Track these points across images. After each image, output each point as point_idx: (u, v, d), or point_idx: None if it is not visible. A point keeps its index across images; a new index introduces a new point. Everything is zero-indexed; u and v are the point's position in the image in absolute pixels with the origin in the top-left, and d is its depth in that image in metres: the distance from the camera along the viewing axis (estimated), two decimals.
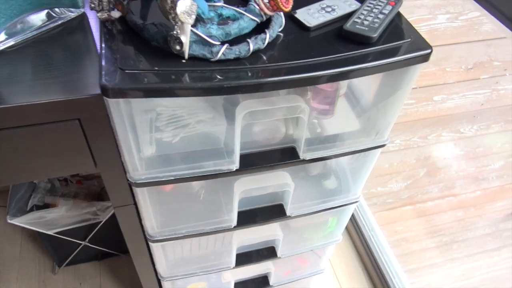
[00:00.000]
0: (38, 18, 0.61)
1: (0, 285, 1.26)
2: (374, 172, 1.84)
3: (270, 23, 0.57)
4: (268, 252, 0.96)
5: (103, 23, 0.56)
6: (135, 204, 0.72)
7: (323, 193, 0.86)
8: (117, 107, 0.51)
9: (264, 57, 0.55)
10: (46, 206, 1.13)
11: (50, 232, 1.09)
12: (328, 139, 0.71)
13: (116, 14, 0.54)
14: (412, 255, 2.38)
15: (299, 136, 0.66)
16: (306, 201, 0.83)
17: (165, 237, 0.77)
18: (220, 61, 0.53)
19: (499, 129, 1.79)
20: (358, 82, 0.75)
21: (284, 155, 0.69)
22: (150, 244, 0.79)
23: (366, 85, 0.74)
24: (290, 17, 0.62)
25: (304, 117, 0.61)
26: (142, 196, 0.67)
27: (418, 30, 0.60)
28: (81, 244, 1.20)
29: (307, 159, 0.68)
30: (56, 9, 0.62)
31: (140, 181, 0.62)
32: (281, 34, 0.59)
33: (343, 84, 0.73)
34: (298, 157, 0.68)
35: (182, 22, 0.48)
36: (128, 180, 0.63)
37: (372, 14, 0.59)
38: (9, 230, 1.37)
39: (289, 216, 0.81)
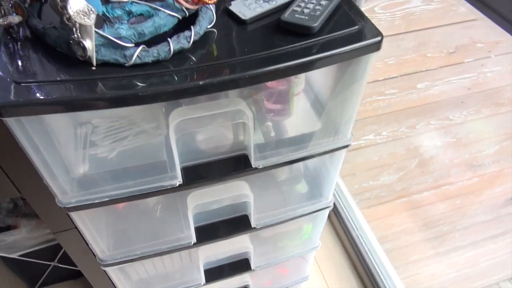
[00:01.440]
0: None
1: None
2: (364, 166, 1.78)
3: (197, 19, 0.50)
4: (241, 265, 0.89)
5: (6, 30, 0.49)
6: (77, 227, 0.65)
7: (293, 200, 0.80)
8: (20, 127, 0.45)
9: (192, 58, 0.49)
10: (8, 227, 1.06)
11: (13, 256, 1.03)
12: (284, 142, 0.65)
13: (15, 19, 0.47)
14: (412, 247, 2.32)
15: (248, 143, 0.59)
16: (273, 209, 0.76)
17: (118, 261, 0.70)
18: (137, 66, 0.46)
19: (489, 113, 1.72)
20: (316, 77, 0.68)
21: (236, 164, 0.62)
22: (103, 268, 0.72)
23: (324, 80, 0.67)
24: (225, 10, 0.55)
25: (248, 122, 0.55)
26: (81, 220, 0.61)
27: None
28: (50, 265, 1.14)
29: (260, 167, 0.61)
30: None
31: (70, 205, 0.56)
32: (214, 30, 0.52)
33: (299, 81, 0.66)
34: (250, 165, 0.61)
35: (80, 24, 0.41)
36: (57, 205, 0.56)
37: (314, 1, 0.52)
38: None
39: (255, 228, 0.74)
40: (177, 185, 0.58)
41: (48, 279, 1.20)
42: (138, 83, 0.45)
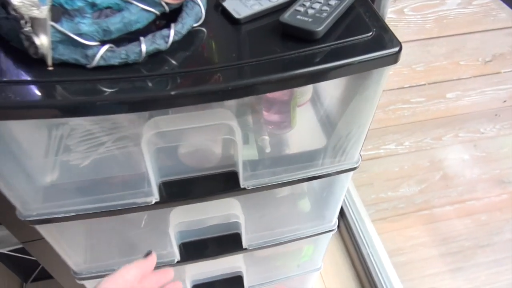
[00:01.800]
0: None
1: None
2: (383, 176, 1.68)
3: (180, 15, 0.42)
4: (233, 283, 0.82)
5: None
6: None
7: (293, 219, 0.71)
8: None
9: (171, 61, 0.41)
10: None
11: (3, 251, 0.99)
12: (280, 161, 0.56)
13: None
14: (430, 260, 2.20)
15: (237, 161, 0.51)
16: (269, 229, 0.68)
17: (94, 275, 0.64)
18: (102, 68, 0.39)
19: None
20: (323, 86, 0.59)
21: (224, 182, 0.54)
22: (79, 282, 0.66)
23: (333, 90, 0.58)
24: (218, 6, 0.47)
25: (234, 138, 0.47)
26: (48, 232, 0.54)
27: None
28: None
29: (248, 188, 0.53)
30: None
31: (31, 218, 0.50)
32: (203, 29, 0.45)
33: (303, 90, 0.57)
34: (238, 185, 0.53)
35: (29, 16, 0.34)
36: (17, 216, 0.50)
37: (321, 0, 0.43)
38: None
39: (246, 249, 0.67)
40: (153, 202, 0.51)
41: (42, 274, 1.17)
42: (101, 88, 0.38)
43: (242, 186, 0.53)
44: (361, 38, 0.41)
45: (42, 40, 0.36)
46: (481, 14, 1.03)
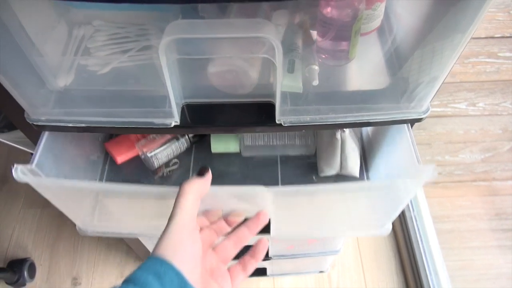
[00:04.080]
0: None
1: None
2: (444, 137, 1.52)
3: None
4: None
5: None
6: None
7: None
8: None
9: None
10: None
11: None
12: (329, 97, 0.46)
13: None
14: (476, 233, 2.08)
15: (275, 90, 0.41)
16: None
17: None
18: None
19: None
20: (398, 12, 0.46)
21: (256, 114, 0.46)
22: None
23: (411, 19, 0.45)
24: None
25: (274, 60, 0.37)
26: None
27: None
28: None
29: (285, 124, 0.44)
30: None
31: (39, 123, 0.44)
32: None
33: (372, 14, 0.45)
34: (273, 119, 0.44)
35: None
36: (25, 119, 0.45)
37: None
38: None
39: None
40: (172, 125, 0.44)
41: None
42: None
43: (277, 122, 0.44)
44: None
45: None
46: None
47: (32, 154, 0.45)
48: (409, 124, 0.47)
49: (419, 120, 0.45)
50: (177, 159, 0.60)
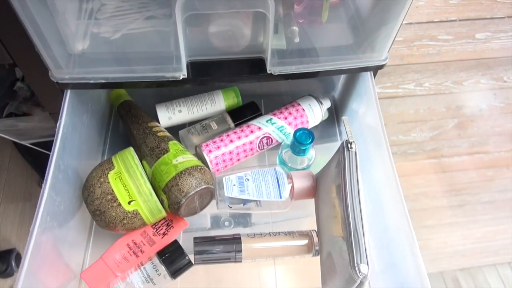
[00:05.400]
0: None
1: None
2: (397, 117, 1.66)
3: None
4: None
5: None
6: None
7: None
8: None
9: None
10: (24, 115, 1.06)
11: (24, 143, 1.03)
12: (308, 51, 0.56)
13: None
14: (430, 211, 2.24)
15: (266, 45, 0.51)
16: None
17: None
18: None
19: None
20: None
21: (250, 67, 0.55)
22: None
23: None
24: None
25: (267, 12, 0.46)
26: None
27: None
28: None
29: (275, 73, 0.53)
30: None
31: (64, 81, 0.51)
32: None
33: None
34: (265, 70, 0.54)
35: None
36: (50, 79, 0.52)
37: None
38: None
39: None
40: (181, 78, 0.52)
41: None
42: None
43: (268, 72, 0.53)
44: None
45: None
46: None
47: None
48: (372, 72, 0.58)
49: (380, 67, 0.56)
50: None
